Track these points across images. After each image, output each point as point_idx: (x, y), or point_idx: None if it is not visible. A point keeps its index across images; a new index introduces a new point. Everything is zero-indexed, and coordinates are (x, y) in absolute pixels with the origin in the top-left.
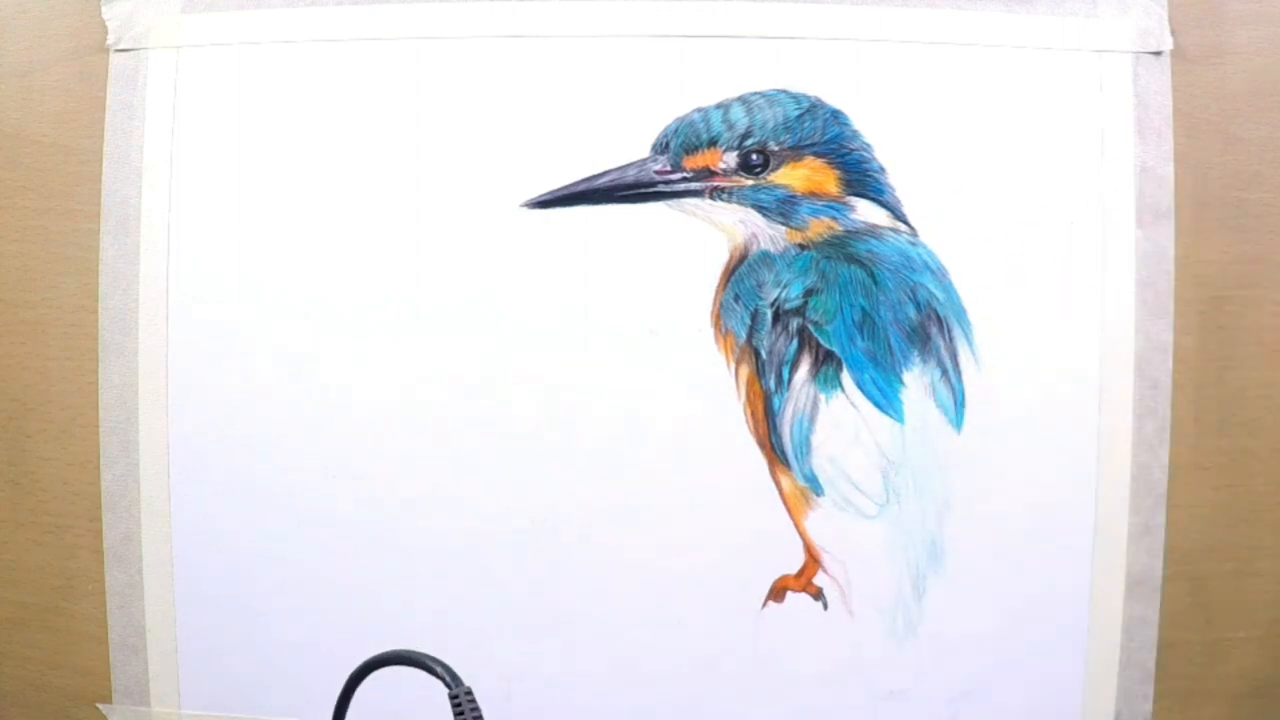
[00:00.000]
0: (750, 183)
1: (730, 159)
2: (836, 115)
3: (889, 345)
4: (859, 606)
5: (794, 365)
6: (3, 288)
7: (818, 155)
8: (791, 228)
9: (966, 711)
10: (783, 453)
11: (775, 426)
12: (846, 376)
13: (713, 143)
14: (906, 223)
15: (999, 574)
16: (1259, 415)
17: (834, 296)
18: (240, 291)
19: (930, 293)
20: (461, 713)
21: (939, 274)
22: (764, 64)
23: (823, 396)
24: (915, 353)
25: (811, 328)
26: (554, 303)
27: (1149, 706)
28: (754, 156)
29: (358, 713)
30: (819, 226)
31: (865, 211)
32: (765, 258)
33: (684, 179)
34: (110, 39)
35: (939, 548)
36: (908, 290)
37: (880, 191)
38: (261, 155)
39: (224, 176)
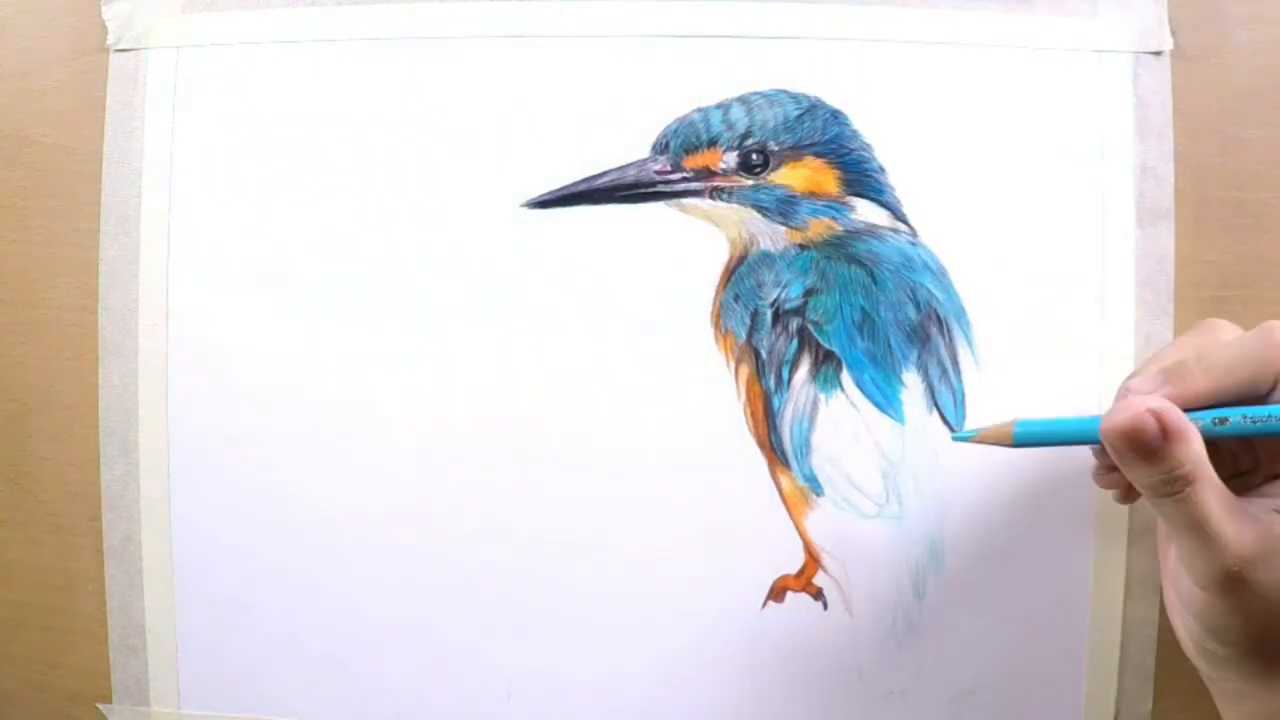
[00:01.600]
0: (750, 183)
1: (730, 159)
2: (836, 115)
3: (889, 345)
4: (859, 606)
5: (794, 365)
6: (3, 288)
7: (818, 155)
8: (791, 228)
9: (966, 711)
10: (783, 453)
11: (775, 426)
12: (846, 376)
13: (713, 143)
14: (906, 223)
15: (999, 574)
16: None
17: (834, 296)
18: (240, 291)
19: (930, 293)
20: None
21: (939, 274)
22: (764, 64)
23: (823, 396)
24: (915, 353)
25: (811, 328)
26: (553, 303)
27: (1149, 706)
28: (754, 156)
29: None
30: (819, 226)
31: (865, 211)
32: (765, 258)
33: (684, 179)
34: (110, 39)
35: (939, 548)
36: (908, 290)
37: (880, 191)
38: (262, 155)
39: (224, 176)
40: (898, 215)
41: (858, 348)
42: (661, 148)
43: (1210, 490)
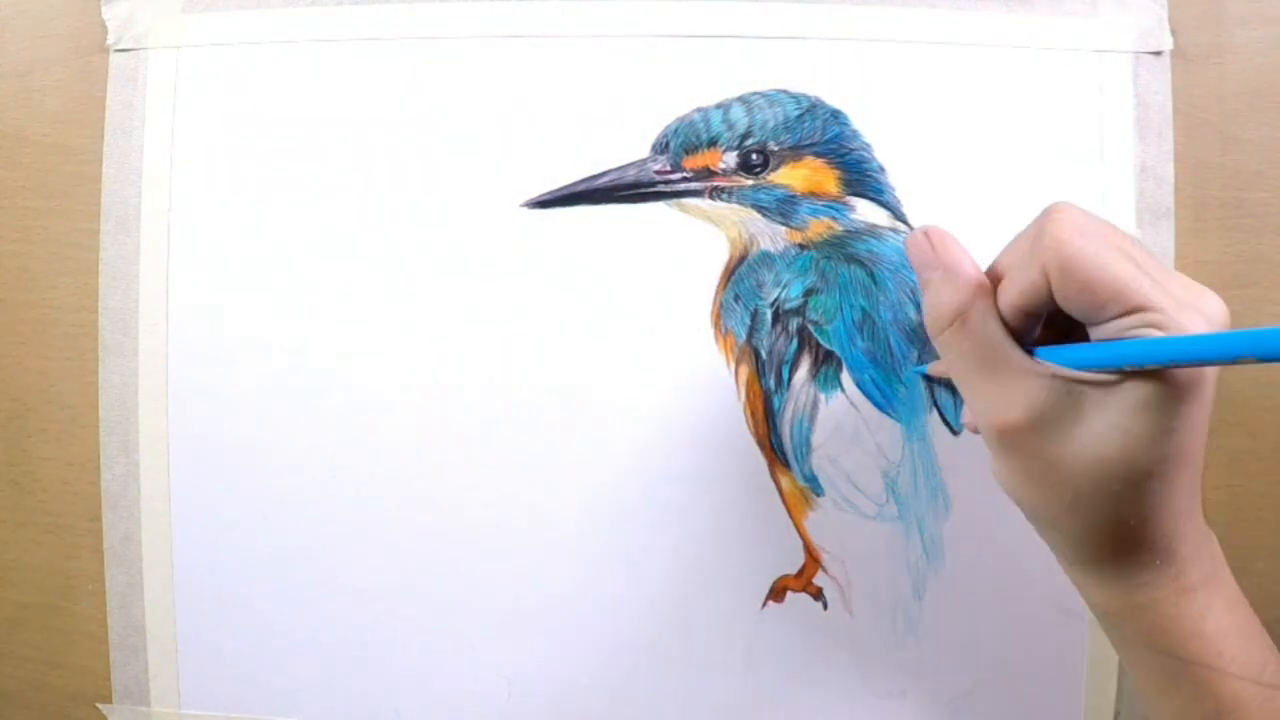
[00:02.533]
0: (750, 183)
1: (730, 159)
2: (836, 115)
3: (889, 345)
4: (859, 606)
5: (794, 365)
6: (3, 288)
7: (817, 155)
8: (791, 228)
9: (967, 711)
10: (783, 453)
11: (775, 426)
12: (846, 376)
13: (713, 143)
14: (906, 223)
15: (999, 574)
16: (1259, 415)
17: (834, 296)
18: (240, 291)
19: None
20: None
21: None
22: (764, 64)
23: (823, 396)
24: (915, 353)
25: (811, 328)
26: (553, 303)
27: None
28: (754, 156)
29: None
30: (819, 226)
31: (865, 211)
32: (765, 258)
33: (684, 179)
34: (110, 39)
35: (939, 548)
36: (908, 290)
37: (880, 191)
38: (261, 155)
39: (224, 176)
40: (898, 215)
41: (858, 348)
42: (661, 148)
43: (988, 335)
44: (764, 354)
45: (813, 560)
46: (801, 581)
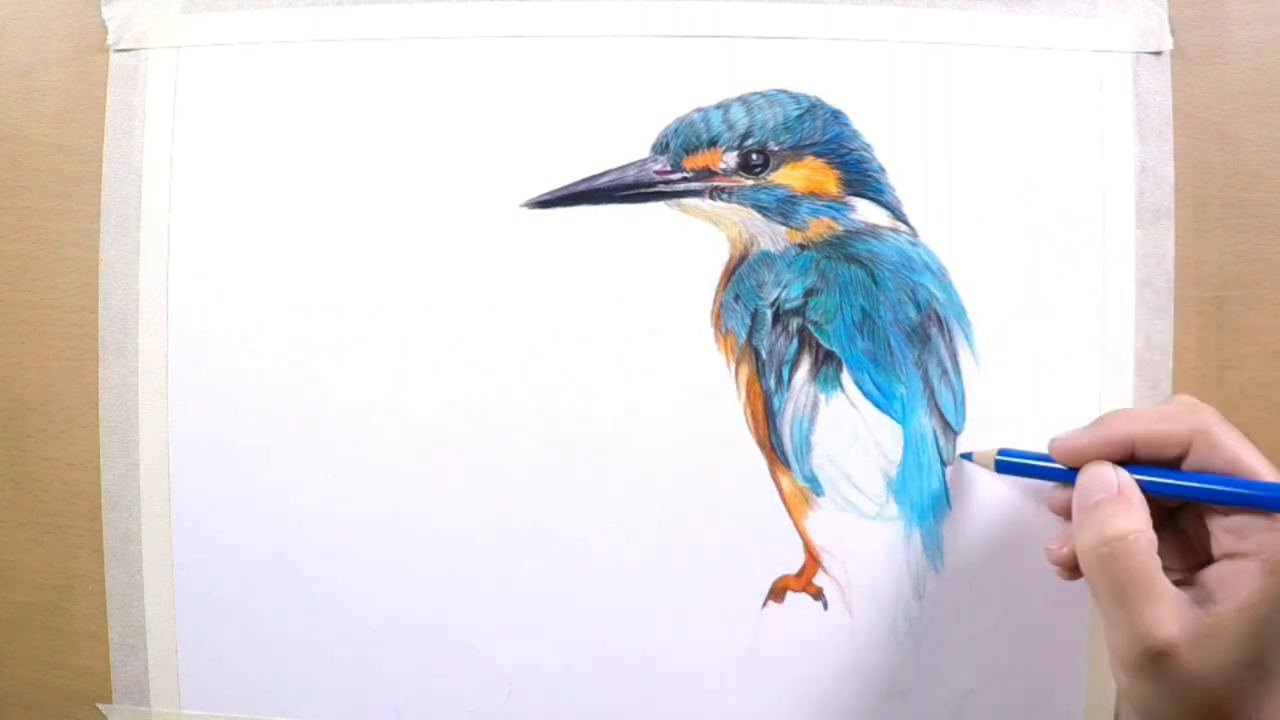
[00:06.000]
0: (750, 183)
1: (730, 159)
2: (836, 115)
3: (889, 345)
4: (859, 606)
5: (794, 365)
6: (3, 288)
7: (818, 155)
8: (791, 228)
9: (967, 711)
10: (783, 453)
11: (775, 426)
12: (846, 376)
13: (713, 143)
14: (906, 223)
15: (999, 574)
16: (1259, 415)
17: (834, 296)
18: (240, 291)
19: (930, 293)
20: None
21: (939, 274)
22: (764, 64)
23: (823, 396)
24: (915, 353)
25: (811, 328)
26: (553, 303)
27: None
28: (754, 156)
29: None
30: (819, 226)
31: (865, 211)
32: (765, 258)
33: (684, 179)
34: (110, 39)
35: (939, 548)
36: (908, 290)
37: (880, 191)
38: (261, 155)
39: (224, 176)
40: (898, 215)
41: (858, 348)
42: (661, 148)
43: (1146, 560)
44: (764, 354)
45: (813, 560)
46: (801, 581)
